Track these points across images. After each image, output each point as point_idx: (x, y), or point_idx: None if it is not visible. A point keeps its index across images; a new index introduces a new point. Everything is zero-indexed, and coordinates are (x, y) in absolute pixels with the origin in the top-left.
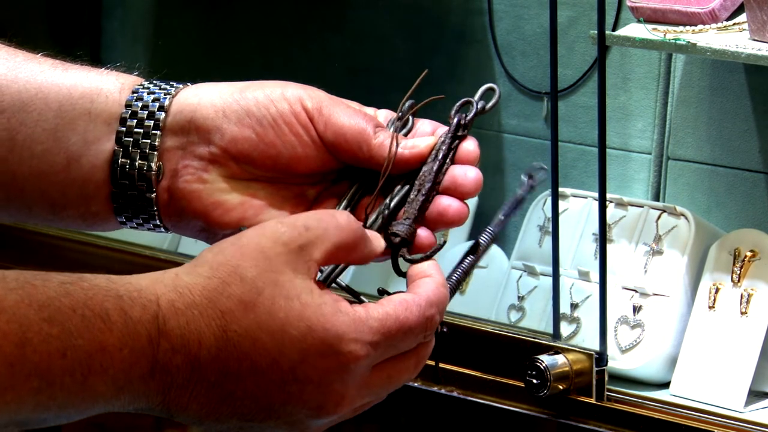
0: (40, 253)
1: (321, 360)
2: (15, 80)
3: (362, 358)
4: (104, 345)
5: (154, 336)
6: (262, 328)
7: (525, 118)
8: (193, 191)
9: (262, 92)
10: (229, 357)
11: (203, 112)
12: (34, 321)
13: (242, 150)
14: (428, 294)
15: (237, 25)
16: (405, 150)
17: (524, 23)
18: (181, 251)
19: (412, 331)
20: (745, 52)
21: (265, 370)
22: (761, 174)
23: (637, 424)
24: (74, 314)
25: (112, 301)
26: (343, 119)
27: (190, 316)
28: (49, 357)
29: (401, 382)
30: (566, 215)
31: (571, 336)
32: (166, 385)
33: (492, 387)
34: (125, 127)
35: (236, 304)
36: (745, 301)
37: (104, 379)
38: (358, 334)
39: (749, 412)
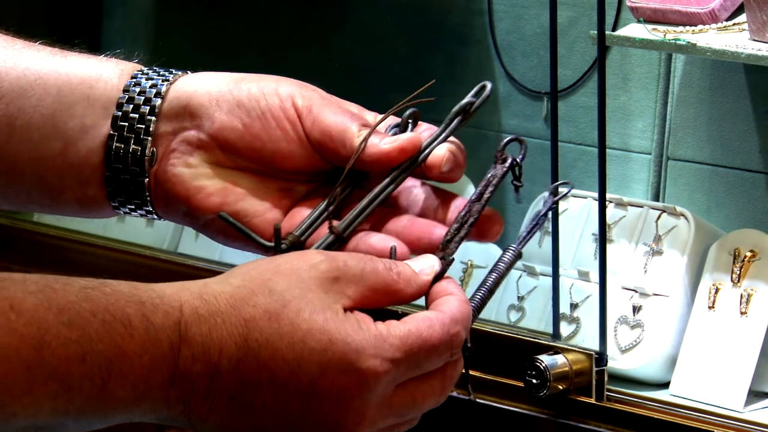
0: (40, 253)
1: (340, 375)
2: (14, 67)
3: (382, 375)
4: (125, 351)
5: (176, 343)
6: (283, 338)
7: (525, 118)
8: (177, 174)
9: (257, 85)
10: (248, 367)
11: (198, 99)
12: (53, 324)
13: (228, 139)
14: (452, 311)
15: (237, 25)
16: (386, 145)
17: (524, 23)
18: (181, 251)
19: (436, 349)
20: (745, 52)
21: (285, 382)
22: (761, 174)
23: (636, 424)
24: (95, 319)
25: (134, 307)
26: (329, 118)
27: (213, 323)
28: (67, 361)
29: (427, 404)
30: (566, 215)
31: (571, 336)
32: (186, 394)
33: (492, 387)
34: (121, 111)
35: (261, 313)
36: (745, 301)
37: (124, 385)
38: (379, 351)
39: (749, 412)
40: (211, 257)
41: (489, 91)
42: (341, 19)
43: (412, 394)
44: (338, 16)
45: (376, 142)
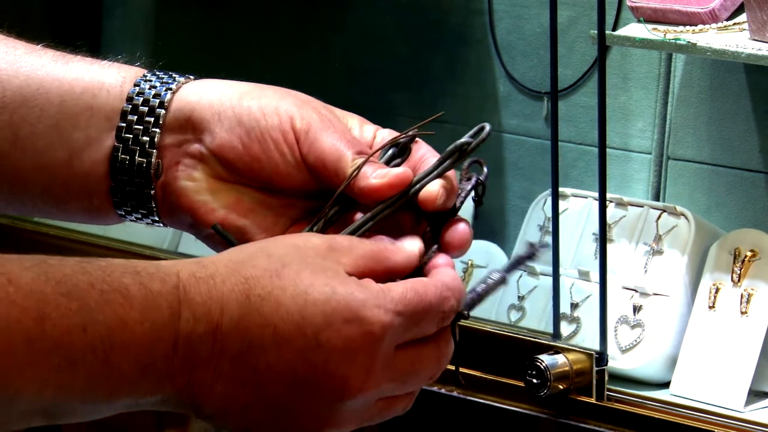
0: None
1: (345, 326)
2: (16, 75)
3: (387, 325)
4: (125, 319)
5: (175, 307)
6: (286, 291)
7: (525, 117)
8: (183, 188)
9: (258, 102)
10: (251, 324)
11: (201, 113)
12: (52, 296)
13: (227, 157)
14: (443, 279)
15: (237, 24)
16: (375, 180)
17: (524, 23)
18: (181, 251)
19: (431, 306)
20: (745, 52)
21: (288, 337)
22: (761, 174)
23: (637, 424)
24: (93, 289)
25: (131, 277)
26: (325, 144)
27: (212, 284)
28: (69, 332)
29: (425, 372)
30: (566, 215)
31: (571, 336)
32: (189, 361)
33: (492, 387)
34: (126, 122)
35: (262, 272)
36: (745, 300)
37: (127, 355)
38: (381, 302)
39: (749, 412)
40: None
41: (486, 133)
42: (341, 19)
43: (411, 358)
44: (338, 16)
45: (368, 175)
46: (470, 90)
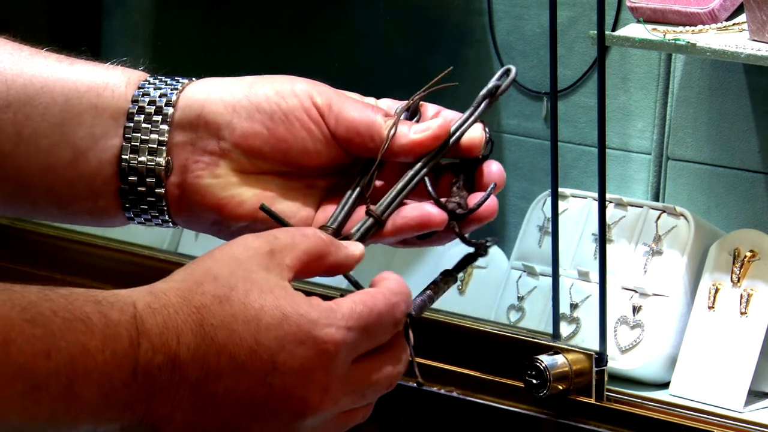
0: (40, 254)
1: (299, 347)
2: (20, 74)
3: (339, 342)
4: (87, 347)
5: (134, 336)
6: (237, 318)
7: (525, 118)
8: (207, 186)
9: (272, 87)
10: (207, 351)
11: (212, 108)
12: (17, 322)
13: (253, 145)
14: (389, 286)
15: (237, 25)
16: (417, 134)
17: (524, 23)
18: (180, 251)
19: (381, 316)
20: (744, 52)
21: (245, 362)
22: (761, 174)
23: (636, 425)
24: (56, 317)
25: (92, 306)
26: (353, 113)
27: (167, 314)
28: (33, 357)
29: (382, 381)
30: (566, 215)
31: (571, 336)
32: (149, 389)
33: (491, 387)
34: (132, 122)
35: (211, 299)
36: (745, 301)
37: (89, 382)
38: (332, 320)
39: (749, 412)
40: None
41: (514, 74)
42: (342, 19)
43: (368, 371)
44: (338, 17)
45: (406, 132)
46: (470, 90)
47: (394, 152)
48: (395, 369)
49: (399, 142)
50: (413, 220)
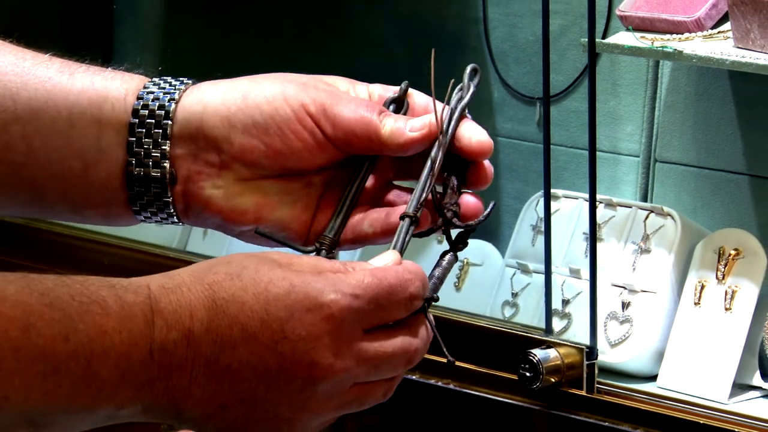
0: (54, 252)
1: (307, 314)
2: (25, 87)
3: (345, 308)
4: (104, 328)
5: (149, 316)
6: (247, 291)
7: (518, 122)
8: (210, 196)
9: (264, 98)
10: (220, 324)
11: (210, 122)
12: (37, 307)
13: (251, 158)
14: (405, 264)
15: (242, 31)
16: (414, 132)
17: (518, 32)
18: (189, 249)
19: (392, 288)
20: (729, 59)
21: (256, 332)
22: (745, 176)
23: (625, 416)
24: (73, 301)
25: (107, 290)
26: (348, 115)
27: (180, 293)
28: (53, 341)
29: (398, 357)
30: (558, 215)
31: (563, 331)
32: (165, 367)
33: (487, 380)
34: (134, 137)
35: (223, 277)
36: (729, 297)
37: (106, 363)
38: (339, 286)
39: (733, 404)
40: (219, 255)
41: (478, 78)
42: (342, 25)
43: (381, 342)
44: (339, 23)
45: (403, 130)
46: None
47: (392, 149)
48: (412, 344)
49: (396, 141)
50: (379, 232)
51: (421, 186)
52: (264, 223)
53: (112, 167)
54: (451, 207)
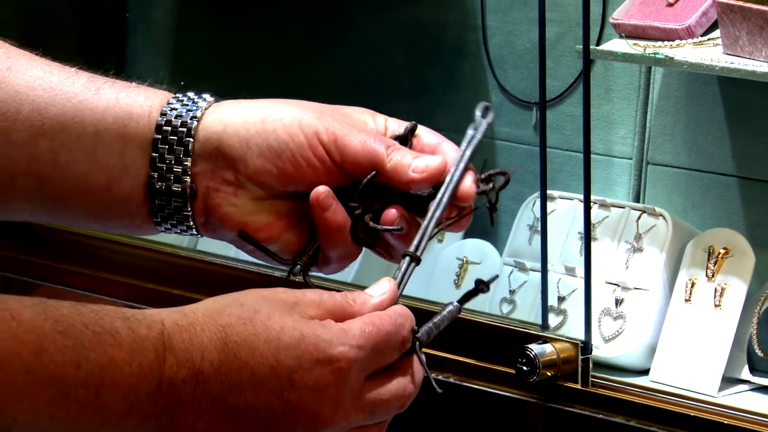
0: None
1: (316, 366)
2: (53, 103)
3: (352, 360)
4: (115, 359)
5: (161, 352)
6: (259, 337)
7: (516, 126)
8: (226, 213)
9: (281, 123)
10: (230, 367)
11: (229, 142)
12: (50, 333)
13: (264, 180)
14: (395, 308)
15: (250, 39)
16: (416, 173)
17: (515, 39)
18: (199, 248)
19: (389, 335)
20: (718, 65)
21: (264, 378)
22: (733, 177)
23: (619, 408)
24: (86, 330)
25: (120, 321)
26: (356, 147)
27: (193, 332)
28: (64, 367)
29: (393, 402)
30: (554, 215)
31: (559, 327)
32: (172, 402)
33: (485, 374)
34: (157, 153)
35: (236, 320)
36: (719, 294)
37: (115, 393)
38: (345, 340)
39: (722, 397)
40: (227, 255)
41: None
42: (346, 33)
43: (378, 391)
44: (343, 31)
45: (406, 169)
46: (465, 100)
47: (395, 184)
48: (406, 390)
49: (398, 177)
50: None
51: (423, 228)
52: (274, 242)
53: (135, 181)
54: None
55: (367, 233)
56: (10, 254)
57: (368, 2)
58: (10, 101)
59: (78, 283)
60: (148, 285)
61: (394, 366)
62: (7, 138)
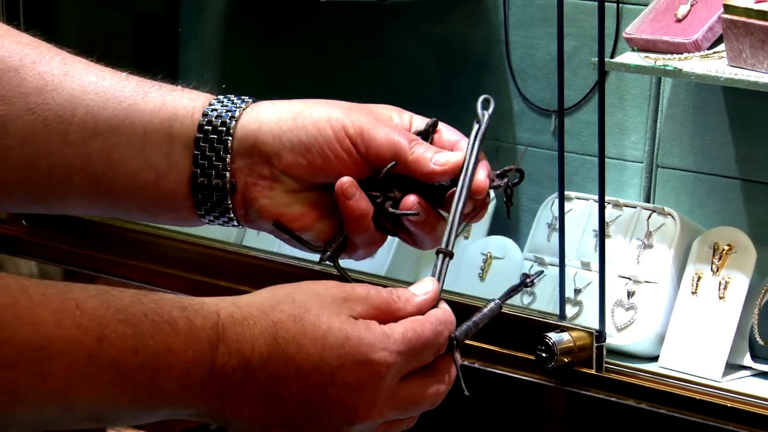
0: (126, 245)
1: (356, 367)
2: (105, 106)
3: (391, 365)
4: (171, 347)
5: (214, 342)
6: (306, 336)
7: (536, 132)
8: (262, 205)
9: (310, 119)
10: (277, 361)
11: (264, 139)
12: (111, 321)
13: (296, 173)
14: (437, 314)
15: (291, 52)
16: (437, 165)
17: (535, 52)
18: (245, 244)
19: (428, 341)
20: (723, 76)
21: (308, 374)
22: (737, 180)
23: (631, 392)
24: (146, 319)
25: (179, 311)
26: (381, 140)
27: (246, 325)
28: (123, 353)
29: (426, 401)
30: (571, 214)
31: (575, 317)
32: (222, 387)
33: (508, 360)
34: (200, 150)
35: (287, 317)
36: (723, 287)
37: (169, 378)
38: (386, 345)
39: (726, 382)
40: (270, 249)
41: (492, 106)
42: (380, 48)
43: (413, 391)
44: (377, 46)
45: (428, 162)
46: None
47: (416, 175)
48: (438, 389)
49: (420, 168)
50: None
51: (449, 224)
52: (307, 231)
53: (180, 177)
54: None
55: (388, 220)
56: (70, 248)
57: (400, 19)
58: (66, 105)
59: (132, 275)
60: (196, 277)
61: (429, 367)
62: (63, 139)
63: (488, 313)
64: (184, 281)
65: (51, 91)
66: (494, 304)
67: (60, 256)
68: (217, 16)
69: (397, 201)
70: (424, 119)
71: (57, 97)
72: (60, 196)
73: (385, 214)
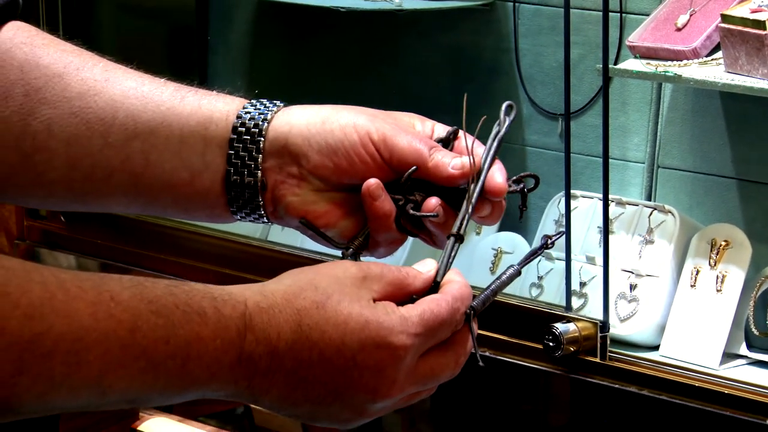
0: (158, 240)
1: (376, 350)
2: (144, 109)
3: (409, 347)
4: (201, 336)
5: (242, 330)
6: (329, 322)
7: (544, 134)
8: (290, 202)
9: (338, 124)
10: (302, 347)
11: (293, 140)
12: (144, 312)
13: (323, 174)
14: (454, 292)
15: (315, 59)
16: (454, 170)
17: (543, 59)
18: (270, 239)
19: (445, 322)
20: (721, 81)
21: (331, 357)
22: (733, 179)
23: (633, 379)
24: (177, 309)
25: (208, 301)
26: (403, 146)
27: (272, 314)
28: (155, 342)
29: (443, 375)
30: (576, 212)
31: (580, 308)
32: (250, 372)
33: (516, 348)
34: (233, 150)
35: (310, 304)
36: (720, 281)
37: (199, 364)
38: (405, 328)
39: (723, 370)
40: (294, 244)
41: (514, 113)
42: (396, 56)
43: (431, 366)
44: (394, 54)
45: (446, 166)
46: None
47: (436, 179)
48: (457, 362)
49: (439, 173)
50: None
51: (462, 211)
52: (332, 228)
53: (214, 176)
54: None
55: (409, 221)
56: (105, 243)
57: (415, 28)
58: (107, 108)
59: (163, 268)
60: (224, 270)
61: (447, 341)
62: (104, 140)
63: (507, 279)
64: (213, 274)
65: (93, 96)
66: (513, 270)
67: (96, 251)
68: (244, 26)
69: (418, 203)
70: (446, 127)
71: (99, 101)
72: (101, 195)
73: (407, 215)
